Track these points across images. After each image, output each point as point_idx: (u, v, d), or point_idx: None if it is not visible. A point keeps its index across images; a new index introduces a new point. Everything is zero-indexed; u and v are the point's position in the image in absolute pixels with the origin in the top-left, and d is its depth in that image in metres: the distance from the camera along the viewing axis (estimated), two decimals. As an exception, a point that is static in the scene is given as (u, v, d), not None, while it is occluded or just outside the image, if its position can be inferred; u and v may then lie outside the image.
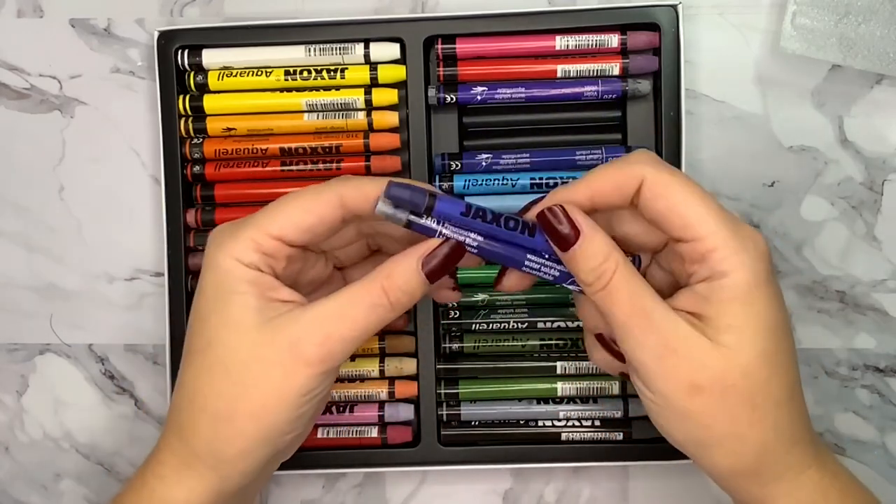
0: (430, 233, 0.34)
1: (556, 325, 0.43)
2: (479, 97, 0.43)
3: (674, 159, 0.42)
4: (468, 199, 0.43)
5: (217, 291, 0.33)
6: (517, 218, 0.34)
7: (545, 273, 0.34)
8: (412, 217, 0.33)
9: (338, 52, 0.43)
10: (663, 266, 0.36)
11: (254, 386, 0.33)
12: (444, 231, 0.34)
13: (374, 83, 0.43)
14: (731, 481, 0.34)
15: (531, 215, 0.34)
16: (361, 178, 0.35)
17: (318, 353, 0.33)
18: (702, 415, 0.32)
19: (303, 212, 0.34)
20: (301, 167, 0.43)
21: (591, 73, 0.43)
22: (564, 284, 0.35)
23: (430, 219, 0.34)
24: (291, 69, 0.43)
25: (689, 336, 0.32)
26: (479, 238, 0.34)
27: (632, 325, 0.32)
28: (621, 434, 0.43)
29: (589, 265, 0.32)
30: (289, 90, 0.43)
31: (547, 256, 0.34)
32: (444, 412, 0.43)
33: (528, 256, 0.34)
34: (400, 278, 0.33)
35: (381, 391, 0.44)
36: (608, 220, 0.36)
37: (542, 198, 0.34)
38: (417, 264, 0.33)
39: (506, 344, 0.44)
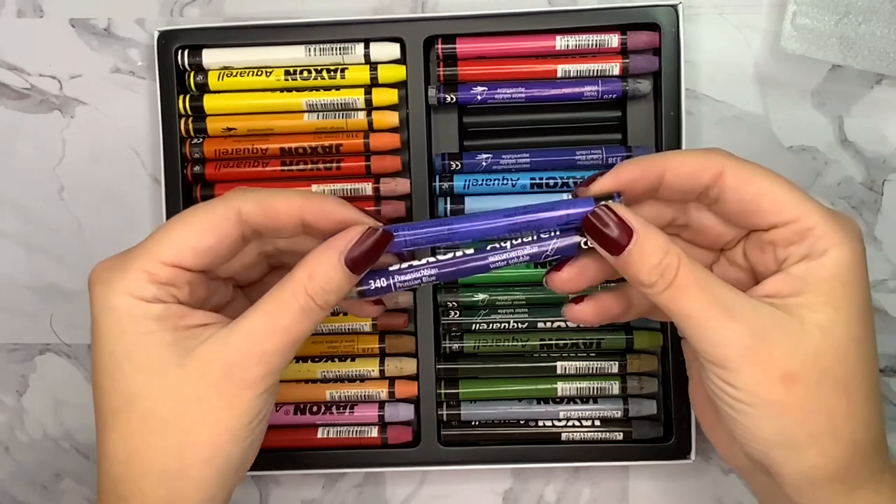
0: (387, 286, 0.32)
1: (556, 325, 0.43)
2: (479, 97, 0.43)
3: (674, 159, 0.42)
4: (467, 199, 0.43)
5: (120, 338, 0.30)
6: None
7: (516, 260, 0.32)
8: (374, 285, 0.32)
9: (338, 52, 0.43)
10: (735, 262, 0.34)
11: (199, 430, 0.30)
12: (401, 279, 0.32)
13: (374, 83, 0.43)
14: (815, 489, 0.31)
15: (596, 189, 0.32)
16: (259, 191, 0.32)
17: (258, 373, 0.30)
18: (798, 408, 0.29)
19: (199, 232, 0.31)
20: (301, 167, 0.43)
21: (591, 73, 0.43)
22: (537, 262, 0.33)
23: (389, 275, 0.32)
24: (291, 69, 0.43)
25: (777, 320, 0.30)
26: (434, 266, 0.32)
27: (708, 318, 0.30)
28: (621, 434, 0.43)
29: (649, 263, 0.30)
30: (289, 90, 0.43)
31: (510, 244, 0.32)
32: (444, 412, 0.43)
33: (491, 259, 0.32)
34: (322, 278, 0.31)
35: (381, 391, 0.44)
36: (682, 211, 0.34)
37: (603, 173, 0.32)
38: (339, 259, 0.31)
39: (506, 344, 0.44)
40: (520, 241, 0.32)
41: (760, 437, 0.30)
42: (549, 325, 0.43)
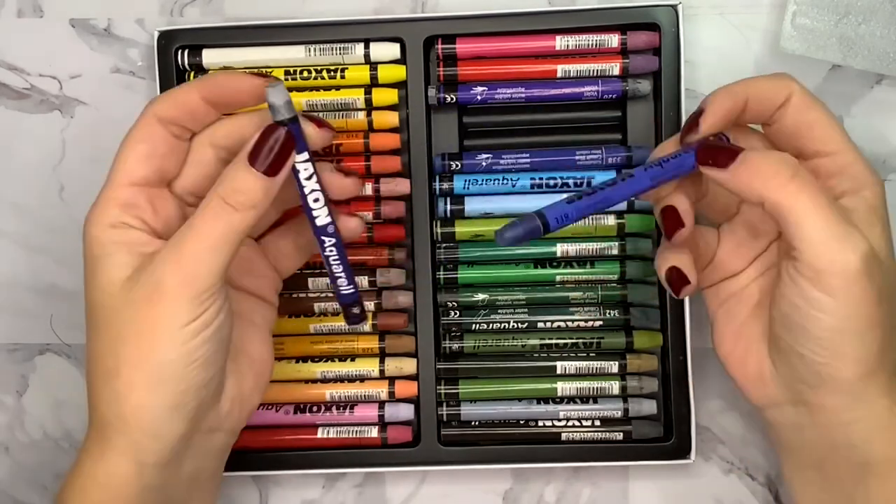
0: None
1: (556, 325, 0.43)
2: (479, 97, 0.43)
3: (674, 159, 0.42)
4: (467, 199, 0.43)
5: (90, 261, 0.34)
6: None
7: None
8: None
9: (338, 52, 0.43)
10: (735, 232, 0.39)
11: (128, 333, 0.33)
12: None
13: (374, 83, 0.43)
14: (856, 384, 0.34)
15: (704, 130, 0.35)
16: (169, 90, 0.36)
17: (177, 277, 0.32)
18: (879, 323, 0.33)
19: (133, 145, 0.35)
20: (301, 167, 0.43)
21: (591, 73, 0.43)
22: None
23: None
24: (291, 69, 0.43)
25: (850, 220, 0.33)
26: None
27: (829, 216, 0.32)
28: (621, 434, 0.43)
29: (774, 157, 0.33)
30: (289, 90, 0.43)
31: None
32: (444, 412, 0.43)
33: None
34: (231, 179, 0.33)
35: (381, 391, 0.44)
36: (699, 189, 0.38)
37: (698, 116, 0.35)
38: (244, 160, 0.33)
39: (506, 344, 0.44)
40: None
41: (821, 321, 0.33)
42: (549, 325, 0.43)
